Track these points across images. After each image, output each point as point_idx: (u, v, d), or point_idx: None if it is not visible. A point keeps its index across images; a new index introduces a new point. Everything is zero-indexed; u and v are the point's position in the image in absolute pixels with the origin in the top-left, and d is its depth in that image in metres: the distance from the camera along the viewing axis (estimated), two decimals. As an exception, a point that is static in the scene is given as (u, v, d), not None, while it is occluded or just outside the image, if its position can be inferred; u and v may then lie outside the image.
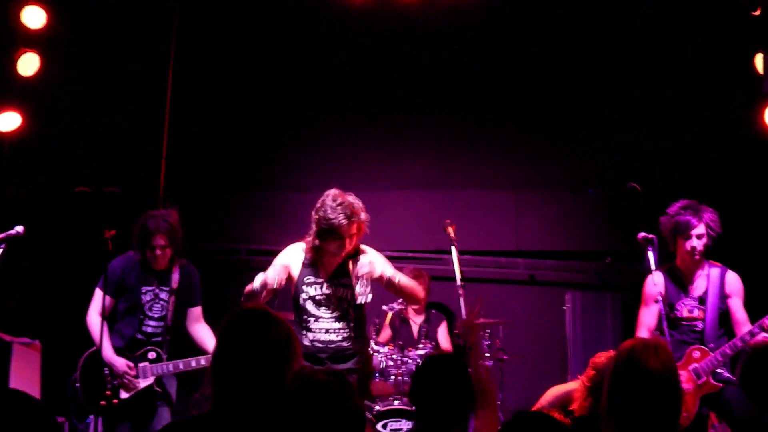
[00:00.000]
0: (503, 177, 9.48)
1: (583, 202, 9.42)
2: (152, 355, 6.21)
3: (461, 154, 9.50)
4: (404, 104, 9.43)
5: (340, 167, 9.47)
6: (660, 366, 3.15)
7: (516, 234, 9.41)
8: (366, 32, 9.20)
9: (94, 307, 6.23)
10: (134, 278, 6.26)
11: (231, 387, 3.09)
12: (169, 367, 6.20)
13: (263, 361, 3.10)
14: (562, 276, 9.28)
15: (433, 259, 9.13)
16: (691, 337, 6.07)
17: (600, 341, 8.55)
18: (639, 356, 3.16)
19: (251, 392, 3.07)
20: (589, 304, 8.84)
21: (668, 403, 3.16)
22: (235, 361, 3.12)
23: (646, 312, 6.15)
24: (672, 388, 3.18)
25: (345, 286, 5.70)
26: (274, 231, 9.46)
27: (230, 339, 3.19)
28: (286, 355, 3.16)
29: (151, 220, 6.19)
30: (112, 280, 6.24)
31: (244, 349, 3.12)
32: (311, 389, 2.93)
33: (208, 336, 6.35)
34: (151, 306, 6.26)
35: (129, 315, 6.26)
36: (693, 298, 6.12)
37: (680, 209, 6.07)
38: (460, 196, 9.42)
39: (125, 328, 6.25)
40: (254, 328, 3.17)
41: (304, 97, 9.47)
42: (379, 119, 9.48)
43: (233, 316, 3.24)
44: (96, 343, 6.14)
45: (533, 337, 8.97)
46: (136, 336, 6.22)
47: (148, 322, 6.26)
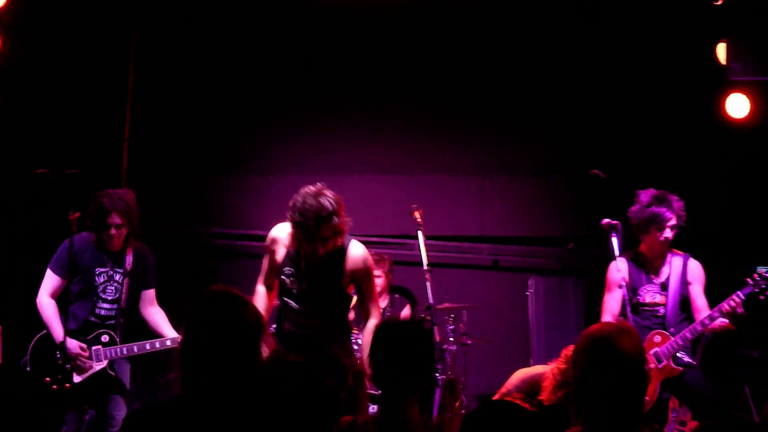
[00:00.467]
0: (469, 163, 9.50)
1: (546, 188, 9.47)
2: (105, 338, 6.07)
3: (427, 140, 9.51)
4: (371, 89, 9.40)
5: (306, 151, 9.45)
6: (634, 349, 3.17)
7: (480, 219, 9.45)
8: (334, 17, 9.14)
9: (44, 287, 6.11)
10: (88, 259, 6.12)
11: (201, 370, 3.06)
12: (123, 350, 6.08)
13: (233, 342, 3.07)
14: (525, 261, 9.34)
15: (398, 244, 9.14)
16: (653, 322, 6.15)
17: (562, 326, 8.65)
18: (616, 340, 3.17)
19: (222, 374, 3.05)
20: (551, 289, 8.91)
21: (640, 386, 3.19)
22: (204, 344, 3.08)
23: (610, 298, 6.21)
24: (643, 371, 3.21)
25: (323, 283, 5.53)
26: (238, 214, 9.44)
27: (199, 321, 3.14)
28: (256, 336, 3.15)
29: (107, 198, 6.05)
30: (63, 260, 6.09)
31: (214, 331, 3.08)
32: (284, 370, 2.92)
33: (162, 319, 6.27)
34: (104, 288, 6.12)
35: (82, 297, 6.12)
36: (655, 284, 6.20)
37: (653, 200, 6.12)
38: (426, 181, 9.43)
39: (79, 310, 6.11)
40: (223, 309, 3.14)
41: (270, 80, 9.40)
42: (346, 104, 9.45)
43: (201, 298, 3.20)
44: (47, 325, 6.03)
45: (497, 322, 9.02)
46: (90, 318, 6.09)
47: (101, 304, 6.11)
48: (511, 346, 8.97)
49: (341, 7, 9.00)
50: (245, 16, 9.20)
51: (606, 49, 9.02)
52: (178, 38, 9.26)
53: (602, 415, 3.12)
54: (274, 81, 9.40)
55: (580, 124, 9.21)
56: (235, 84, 9.38)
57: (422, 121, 9.48)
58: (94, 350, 6.06)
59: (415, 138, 9.51)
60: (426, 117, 9.47)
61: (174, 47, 9.26)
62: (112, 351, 6.06)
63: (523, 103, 9.34)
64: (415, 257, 6.55)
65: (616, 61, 9.02)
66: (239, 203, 9.53)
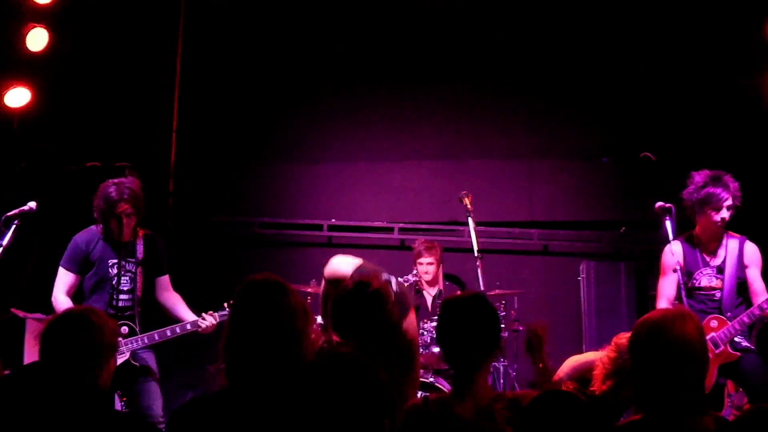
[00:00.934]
0: (516, 147, 9.42)
1: (596, 172, 9.35)
2: (125, 330, 5.99)
3: (475, 124, 9.44)
4: (417, 75, 9.37)
5: (350, 138, 9.44)
6: (694, 335, 3.12)
7: (530, 204, 9.36)
8: (375, 4, 9.12)
9: (59, 286, 6.06)
10: (99, 252, 6.06)
11: (246, 360, 3.02)
12: (144, 339, 6.01)
13: (278, 331, 3.04)
14: (576, 246, 9.24)
15: (446, 231, 9.10)
16: (709, 306, 6.03)
17: (614, 311, 8.55)
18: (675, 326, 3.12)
19: (267, 365, 3.01)
20: (603, 274, 8.80)
21: (700, 372, 3.13)
22: (249, 333, 3.05)
23: (665, 282, 6.10)
24: (704, 357, 3.16)
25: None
26: (287, 204, 9.45)
27: (245, 310, 3.12)
28: (302, 325, 3.11)
29: (113, 187, 5.95)
30: (76, 256, 6.06)
31: (259, 320, 3.05)
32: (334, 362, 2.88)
33: (179, 303, 6.22)
34: (119, 279, 6.05)
35: (98, 290, 6.06)
36: (711, 268, 6.07)
37: (708, 180, 5.99)
38: (473, 166, 9.36)
39: (96, 304, 6.00)
40: (269, 297, 3.11)
41: (316, 68, 9.41)
42: (392, 90, 9.42)
43: (246, 287, 3.18)
44: None
45: (547, 308, 8.94)
46: (109, 311, 5.96)
47: (118, 296, 6.04)
48: (563, 331, 8.88)
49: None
50: (294, 6, 9.22)
51: (656, 30, 8.88)
52: (225, 29, 9.30)
53: (663, 402, 3.06)
54: (320, 68, 9.40)
55: (630, 106, 9.10)
56: (281, 72, 9.41)
57: (469, 106, 9.42)
58: None
59: (462, 123, 9.45)
60: (473, 101, 9.41)
61: (220, 37, 9.31)
62: (133, 342, 5.97)
63: (573, 84, 9.24)
64: (465, 243, 6.53)
65: (666, 42, 8.88)
66: (287, 192, 9.55)
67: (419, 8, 9.10)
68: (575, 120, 9.33)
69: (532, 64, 9.26)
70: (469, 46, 9.26)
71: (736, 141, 8.59)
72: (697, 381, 3.12)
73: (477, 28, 9.21)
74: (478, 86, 9.35)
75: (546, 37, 9.18)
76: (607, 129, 9.27)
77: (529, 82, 9.30)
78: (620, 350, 4.39)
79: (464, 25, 9.19)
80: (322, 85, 9.43)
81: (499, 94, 9.36)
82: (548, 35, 9.17)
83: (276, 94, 9.44)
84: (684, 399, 3.07)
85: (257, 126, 9.50)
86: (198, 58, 9.23)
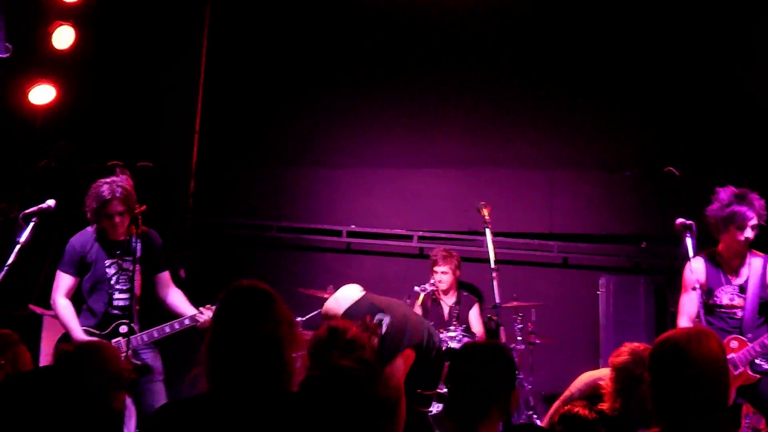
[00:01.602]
0: (538, 157, 9.36)
1: (618, 184, 9.27)
2: (124, 329, 5.97)
3: (494, 133, 9.40)
4: (437, 82, 9.35)
5: (372, 145, 9.43)
6: (721, 354, 3.10)
7: (549, 216, 9.30)
8: (399, 9, 9.11)
9: (58, 289, 6.03)
10: (95, 253, 6.04)
11: (228, 366, 2.97)
12: (144, 337, 5.98)
13: (260, 338, 2.98)
14: (595, 259, 9.17)
15: (465, 240, 9.05)
16: (730, 324, 5.95)
17: (633, 325, 8.47)
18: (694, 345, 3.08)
19: (247, 371, 2.95)
20: (622, 288, 8.73)
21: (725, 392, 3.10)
22: (232, 339, 3.00)
23: (686, 299, 6.02)
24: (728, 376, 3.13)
25: None
26: (307, 208, 9.44)
27: (228, 315, 3.07)
28: (284, 333, 3.05)
29: (105, 186, 5.90)
30: (72, 259, 6.04)
31: (242, 325, 3.00)
32: (333, 376, 2.85)
33: (180, 298, 6.18)
34: (117, 279, 6.03)
35: (96, 291, 6.04)
36: (734, 286, 5.99)
37: (734, 198, 5.91)
38: (493, 175, 9.32)
39: (95, 304, 6.03)
40: (252, 303, 3.05)
41: (337, 73, 9.41)
42: (412, 96, 9.40)
43: (231, 292, 3.11)
44: (65, 325, 5.96)
45: (565, 321, 8.88)
46: (109, 311, 6.01)
47: (117, 295, 6.02)
48: (580, 345, 8.82)
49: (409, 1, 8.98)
50: (316, 11, 9.23)
51: (684, 42, 8.82)
52: (249, 32, 9.31)
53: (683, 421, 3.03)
54: (344, 74, 9.40)
55: (656, 119, 9.03)
56: (305, 77, 9.41)
57: (492, 114, 9.37)
58: (114, 343, 5.94)
59: (484, 131, 9.40)
60: (496, 110, 9.36)
61: (244, 40, 9.32)
62: (134, 340, 5.92)
63: (596, 94, 9.19)
64: (483, 253, 6.48)
65: (692, 54, 8.81)
66: (307, 196, 9.54)
67: (443, 16, 9.08)
68: (598, 131, 9.27)
69: (557, 74, 9.21)
70: (493, 54, 9.23)
71: (762, 158, 8.50)
72: (719, 400, 3.08)
73: (501, 36, 9.17)
74: (501, 95, 9.31)
75: (571, 46, 9.13)
76: (631, 141, 9.20)
77: (554, 93, 9.26)
78: (617, 366, 4.35)
79: (488, 33, 9.16)
80: (345, 91, 9.43)
81: (522, 103, 9.32)
82: (574, 45, 9.12)
83: (299, 99, 9.45)
84: (704, 418, 3.04)
85: (280, 130, 9.50)
86: (222, 59, 9.24)
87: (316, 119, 9.47)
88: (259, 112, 9.43)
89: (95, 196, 5.92)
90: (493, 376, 3.39)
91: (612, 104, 9.20)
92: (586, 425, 4.00)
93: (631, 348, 4.37)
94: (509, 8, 9.01)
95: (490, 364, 3.42)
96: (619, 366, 4.36)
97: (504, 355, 3.50)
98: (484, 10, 9.01)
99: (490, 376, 3.39)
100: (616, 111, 9.21)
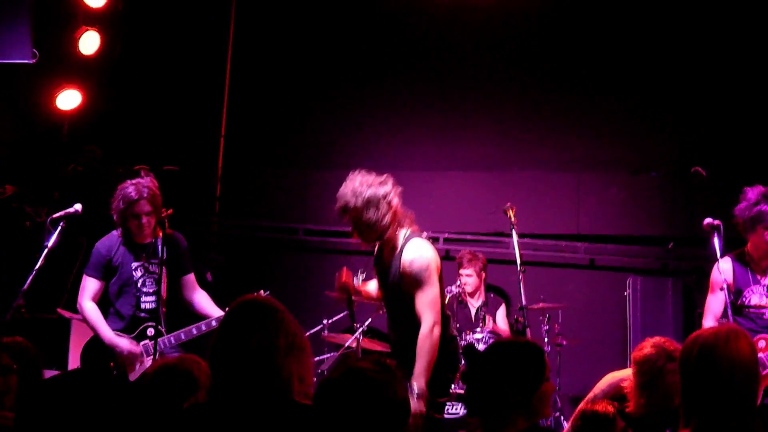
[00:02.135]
0: (565, 158, 9.32)
1: (645, 185, 9.22)
2: (151, 332, 5.98)
3: (521, 134, 9.37)
4: (463, 84, 9.33)
5: (397, 148, 9.41)
6: (751, 352, 3.08)
7: (576, 217, 9.25)
8: (423, 12, 9.10)
9: (84, 293, 6.06)
10: (121, 256, 6.06)
11: (227, 378, 3.06)
12: (171, 339, 5.98)
13: (252, 351, 3.06)
14: (623, 261, 9.11)
15: (492, 242, 9.02)
16: (759, 324, 5.91)
17: (660, 327, 8.41)
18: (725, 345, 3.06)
19: (245, 384, 3.03)
20: (650, 290, 8.69)
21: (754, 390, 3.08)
22: (224, 351, 3.10)
23: (712, 299, 6.00)
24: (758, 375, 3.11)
25: (389, 287, 5.39)
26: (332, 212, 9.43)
27: (229, 328, 3.17)
28: (283, 345, 3.11)
29: (132, 187, 5.92)
30: (98, 263, 6.06)
31: (239, 339, 3.09)
32: (353, 377, 2.85)
33: (207, 300, 6.19)
34: (144, 281, 6.05)
35: (123, 294, 6.06)
36: (762, 286, 5.96)
37: (761, 197, 5.87)
38: (520, 177, 9.28)
39: (123, 308, 6.05)
40: (253, 319, 3.14)
41: (362, 76, 9.41)
42: (438, 99, 9.39)
43: (234, 307, 3.23)
44: (94, 328, 5.99)
45: (592, 323, 8.83)
46: (137, 314, 6.02)
47: (145, 298, 6.04)
48: (608, 347, 8.77)
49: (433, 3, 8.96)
50: (340, 15, 9.25)
51: (711, 42, 8.76)
52: (275, 36, 9.35)
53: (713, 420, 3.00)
54: (367, 78, 9.40)
55: (682, 120, 8.98)
56: (330, 81, 9.43)
57: (516, 115, 9.35)
58: (142, 345, 6.00)
59: (510, 133, 9.38)
60: (522, 111, 9.34)
61: (269, 44, 9.36)
62: (160, 343, 5.92)
63: (623, 96, 9.14)
64: (510, 255, 6.47)
65: (718, 53, 8.75)
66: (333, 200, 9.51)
67: (468, 18, 9.06)
68: (625, 133, 9.23)
69: (583, 75, 9.18)
70: (518, 55, 9.20)
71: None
72: (748, 399, 3.06)
73: (525, 38, 9.14)
74: (526, 97, 9.29)
75: (597, 48, 9.09)
76: (657, 142, 9.15)
77: (579, 94, 9.22)
78: (639, 361, 4.32)
79: (512, 35, 9.13)
80: (370, 94, 9.43)
81: (548, 105, 9.28)
82: (600, 46, 9.09)
83: (325, 102, 9.46)
84: (733, 417, 3.01)
85: (305, 133, 9.52)
86: (247, 63, 9.28)
87: (342, 123, 9.47)
88: (283, 115, 9.45)
89: (122, 197, 5.94)
90: (513, 375, 3.34)
91: (638, 105, 9.15)
92: (604, 421, 3.98)
93: (654, 341, 4.36)
94: (534, 9, 8.98)
95: (509, 363, 3.36)
96: (641, 359, 4.34)
97: (526, 354, 3.42)
98: (509, 11, 8.98)
99: (510, 375, 3.33)
100: (642, 112, 9.16)
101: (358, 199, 5.09)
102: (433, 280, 5.09)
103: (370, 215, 5.08)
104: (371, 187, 5.15)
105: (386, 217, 5.11)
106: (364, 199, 5.09)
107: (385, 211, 5.11)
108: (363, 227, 5.14)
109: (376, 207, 5.09)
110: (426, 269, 5.06)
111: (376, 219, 5.08)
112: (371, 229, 5.12)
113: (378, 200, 5.11)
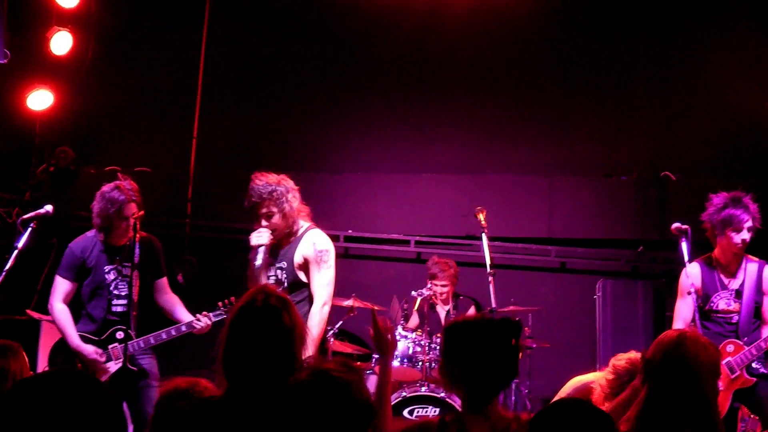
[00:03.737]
0: (536, 162, 9.36)
1: (616, 189, 9.28)
2: (120, 335, 5.95)
3: (493, 137, 9.40)
4: (436, 87, 9.36)
5: (370, 150, 9.43)
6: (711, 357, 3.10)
7: (548, 220, 9.29)
8: (398, 15, 9.13)
9: (56, 294, 6.02)
10: (95, 258, 6.03)
11: (243, 374, 3.07)
12: (140, 343, 5.96)
13: (269, 347, 3.08)
14: (593, 264, 9.16)
15: (463, 245, 9.05)
16: (726, 329, 5.97)
17: (630, 330, 8.49)
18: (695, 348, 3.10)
19: (262, 379, 3.05)
20: (620, 293, 8.73)
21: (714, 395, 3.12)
22: (241, 347, 3.11)
23: (681, 304, 6.05)
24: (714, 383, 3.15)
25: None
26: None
27: (242, 328, 3.16)
28: (295, 341, 3.14)
29: (117, 191, 5.90)
30: (72, 264, 6.03)
31: (251, 335, 3.10)
32: (318, 379, 2.88)
33: (177, 305, 6.18)
34: (116, 284, 6.02)
35: (96, 297, 6.03)
36: (729, 291, 6.02)
37: (729, 201, 5.94)
38: (492, 180, 9.31)
39: (94, 310, 6.02)
40: (267, 318, 3.14)
41: (334, 79, 9.42)
42: (411, 102, 9.41)
43: (246, 305, 3.20)
44: (62, 330, 5.97)
45: (563, 326, 8.87)
46: (108, 317, 5.99)
47: (117, 301, 6.01)
48: (578, 350, 8.82)
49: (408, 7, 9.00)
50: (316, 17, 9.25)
51: (680, 48, 8.86)
52: (248, 37, 9.33)
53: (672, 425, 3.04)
54: (342, 80, 9.41)
55: (652, 124, 9.05)
56: (304, 83, 9.42)
57: (490, 120, 9.38)
58: (110, 348, 5.97)
59: (482, 136, 9.41)
60: (494, 115, 9.37)
61: (242, 46, 9.34)
62: (130, 346, 5.89)
63: (594, 101, 9.21)
64: (481, 258, 6.47)
65: (689, 60, 8.85)
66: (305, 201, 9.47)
67: (442, 23, 9.09)
68: (596, 137, 9.29)
69: (555, 79, 9.24)
70: (492, 59, 9.24)
71: (757, 164, 8.53)
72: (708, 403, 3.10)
73: (499, 42, 9.18)
74: (499, 100, 9.32)
75: (569, 52, 9.16)
76: (628, 147, 9.21)
77: (552, 98, 9.28)
78: (618, 372, 4.32)
79: (486, 39, 9.17)
80: (343, 96, 9.43)
81: (521, 108, 9.33)
82: (570, 50, 9.15)
83: (297, 104, 9.45)
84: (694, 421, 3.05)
85: (277, 135, 9.49)
86: (220, 65, 9.26)
87: (314, 125, 9.46)
88: (256, 117, 9.43)
89: (110, 200, 5.90)
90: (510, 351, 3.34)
91: (610, 110, 9.22)
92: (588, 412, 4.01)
93: (632, 358, 4.33)
94: (507, 14, 9.02)
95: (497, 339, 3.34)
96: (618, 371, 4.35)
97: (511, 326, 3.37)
98: (483, 16, 9.03)
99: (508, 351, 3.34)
100: (614, 117, 9.23)
101: (273, 194, 5.70)
102: (330, 263, 5.74)
103: (283, 207, 5.71)
104: (280, 184, 5.77)
105: (294, 210, 5.74)
106: (277, 193, 5.72)
107: (293, 204, 5.74)
108: (277, 218, 5.73)
109: (286, 200, 5.72)
110: (327, 252, 5.74)
111: (289, 210, 5.72)
112: (284, 220, 5.74)
113: (287, 194, 5.75)
